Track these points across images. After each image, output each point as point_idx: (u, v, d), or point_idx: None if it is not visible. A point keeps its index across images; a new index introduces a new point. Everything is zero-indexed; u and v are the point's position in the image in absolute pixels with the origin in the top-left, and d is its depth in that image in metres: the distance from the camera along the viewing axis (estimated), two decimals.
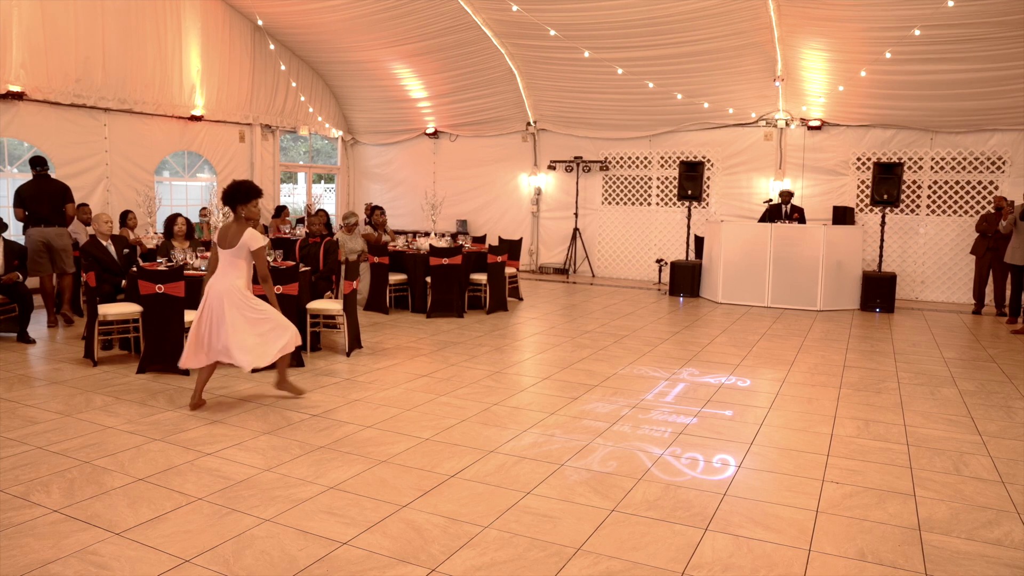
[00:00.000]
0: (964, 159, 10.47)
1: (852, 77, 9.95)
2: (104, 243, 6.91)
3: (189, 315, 5.82)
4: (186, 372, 5.70)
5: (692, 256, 11.56)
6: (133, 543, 3.16)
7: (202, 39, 11.37)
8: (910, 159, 10.75)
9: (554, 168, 13.26)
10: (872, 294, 9.70)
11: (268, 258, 6.62)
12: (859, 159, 11.07)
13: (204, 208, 10.68)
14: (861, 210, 11.07)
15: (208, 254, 6.74)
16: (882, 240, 10.02)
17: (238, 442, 4.36)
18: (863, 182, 11.05)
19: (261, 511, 3.51)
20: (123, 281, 6.66)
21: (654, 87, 11.23)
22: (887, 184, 9.83)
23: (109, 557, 3.05)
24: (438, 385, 5.74)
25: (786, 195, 10.82)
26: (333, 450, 4.27)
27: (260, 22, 11.84)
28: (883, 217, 10.12)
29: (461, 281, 8.97)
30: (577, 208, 13.17)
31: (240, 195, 4.63)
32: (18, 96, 8.89)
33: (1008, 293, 9.33)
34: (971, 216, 10.48)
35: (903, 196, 10.66)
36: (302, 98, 13.58)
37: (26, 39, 9.03)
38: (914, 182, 10.72)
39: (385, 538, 3.27)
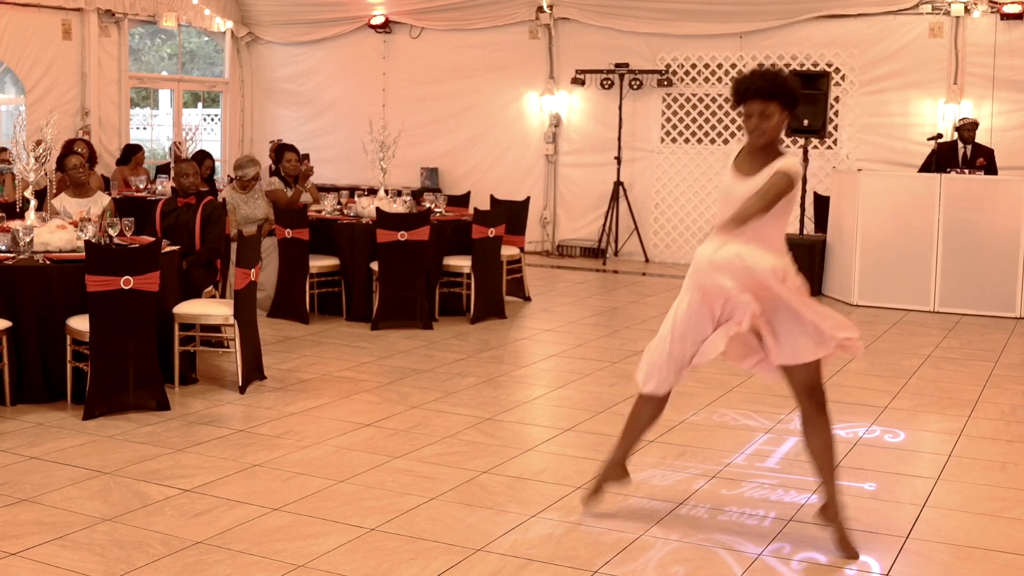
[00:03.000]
0: None
1: None
2: None
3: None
4: None
5: (810, 228, 11.54)
6: None
7: None
8: None
9: (582, 83, 13.25)
10: None
11: (112, 230, 6.59)
12: None
13: (3, 149, 10.66)
14: None
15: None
16: None
17: (57, 535, 4.33)
18: None
19: None
20: None
21: None
22: None
23: None
24: (391, 441, 5.71)
25: (970, 129, 10.72)
26: (212, 550, 4.24)
27: None
28: None
29: (429, 269, 8.95)
30: (620, 150, 13.16)
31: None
32: None
33: None
34: None
35: None
36: None
37: None
38: None
39: None
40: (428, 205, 9.69)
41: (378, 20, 14.23)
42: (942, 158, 10.58)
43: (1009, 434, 6.09)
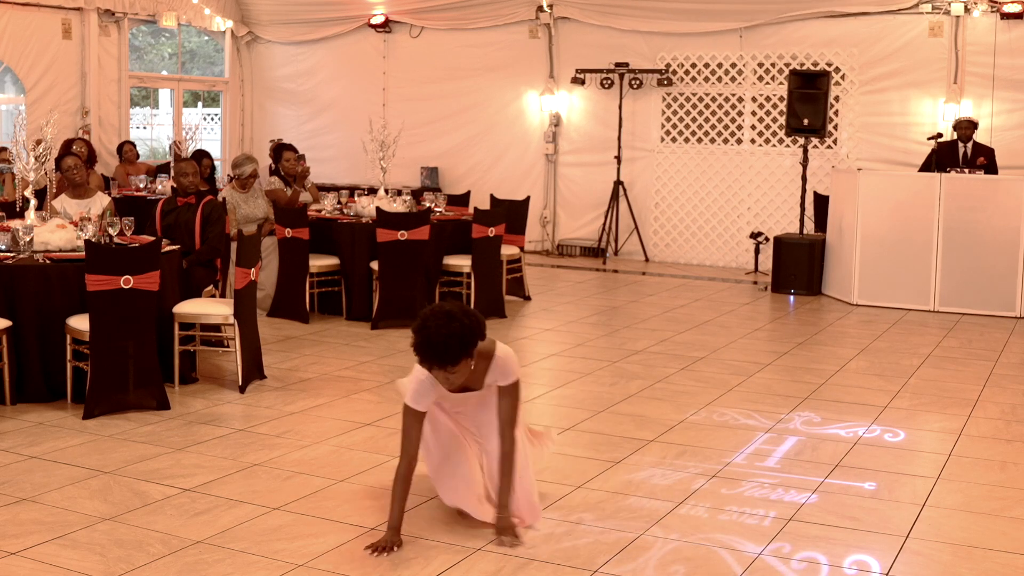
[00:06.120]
0: None
1: None
2: None
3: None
4: None
5: (810, 228, 11.54)
6: None
7: None
8: None
9: (582, 82, 13.25)
10: None
11: (112, 229, 6.58)
12: None
13: (3, 148, 10.66)
14: None
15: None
16: None
17: (57, 535, 4.33)
18: None
19: None
20: None
21: None
22: None
23: None
24: (391, 440, 5.69)
25: (966, 128, 10.73)
26: (212, 549, 4.24)
27: None
28: None
29: (429, 268, 8.95)
30: (620, 149, 13.16)
31: None
32: None
33: None
34: None
35: None
36: None
37: None
38: None
39: None
40: (428, 204, 9.69)
41: (378, 19, 14.23)
42: (942, 157, 10.59)
43: (1009, 433, 6.09)
